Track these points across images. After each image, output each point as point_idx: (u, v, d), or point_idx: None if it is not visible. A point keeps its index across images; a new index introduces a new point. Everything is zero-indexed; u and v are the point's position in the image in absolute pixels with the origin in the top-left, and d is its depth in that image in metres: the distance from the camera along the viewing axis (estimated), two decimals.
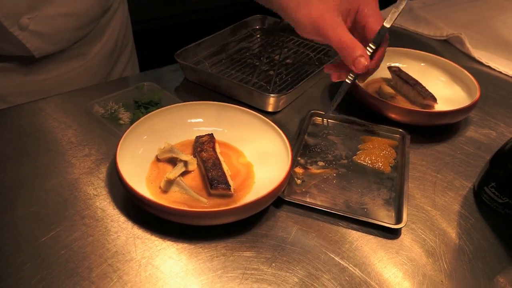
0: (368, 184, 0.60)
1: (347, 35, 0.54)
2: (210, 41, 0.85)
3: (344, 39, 0.54)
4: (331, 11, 0.55)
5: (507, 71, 0.91)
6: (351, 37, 0.55)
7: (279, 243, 0.51)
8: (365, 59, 0.54)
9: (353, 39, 0.55)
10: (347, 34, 0.54)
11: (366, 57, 0.54)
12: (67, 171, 0.58)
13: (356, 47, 0.54)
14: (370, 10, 0.56)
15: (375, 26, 0.56)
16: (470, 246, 0.53)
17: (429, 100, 0.73)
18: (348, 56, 0.55)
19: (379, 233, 0.54)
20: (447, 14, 1.12)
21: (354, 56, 0.54)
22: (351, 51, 0.54)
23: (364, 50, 0.55)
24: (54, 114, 0.67)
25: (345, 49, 0.54)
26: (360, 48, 0.54)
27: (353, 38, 0.55)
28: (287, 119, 0.72)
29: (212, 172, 0.55)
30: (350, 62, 0.55)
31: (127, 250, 0.48)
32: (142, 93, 0.73)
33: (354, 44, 0.54)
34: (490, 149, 0.68)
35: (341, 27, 0.55)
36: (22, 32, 0.69)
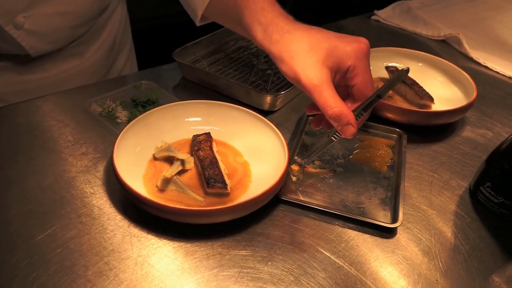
0: (364, 184, 0.60)
1: (334, 99, 0.50)
2: (208, 40, 0.85)
3: (331, 106, 0.49)
4: (318, 68, 0.50)
5: (504, 71, 0.91)
6: (338, 102, 0.50)
7: (275, 242, 0.51)
8: (354, 126, 0.50)
9: (341, 104, 0.50)
10: (334, 98, 0.50)
11: (354, 124, 0.50)
12: (64, 169, 0.58)
13: (343, 115, 0.50)
14: (361, 71, 0.52)
15: (366, 91, 0.52)
16: (466, 246, 0.53)
17: (426, 100, 0.73)
18: (336, 123, 0.51)
19: (375, 232, 0.54)
20: (445, 14, 1.13)
21: (342, 124, 0.50)
22: (339, 120, 0.50)
23: (352, 117, 0.50)
24: (51, 112, 0.67)
25: (333, 117, 0.50)
26: (348, 115, 0.50)
27: (341, 103, 0.50)
28: (284, 118, 0.72)
29: (209, 171, 0.55)
30: (337, 127, 0.51)
31: (123, 248, 0.48)
32: (140, 92, 0.73)
33: (342, 111, 0.50)
34: (487, 149, 0.69)
35: (327, 90, 0.50)
36: (17, 31, 0.69)
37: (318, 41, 0.52)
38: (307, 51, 0.51)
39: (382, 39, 1.05)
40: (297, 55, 0.51)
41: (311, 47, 0.51)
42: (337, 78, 0.53)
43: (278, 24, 0.54)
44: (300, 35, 0.52)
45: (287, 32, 0.53)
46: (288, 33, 0.53)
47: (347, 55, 0.51)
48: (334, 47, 0.51)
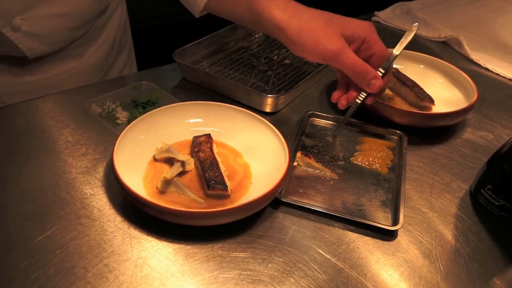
0: (365, 186, 0.60)
1: (358, 60, 0.57)
2: (209, 40, 0.85)
3: (358, 63, 0.57)
4: (339, 37, 0.57)
5: (504, 73, 0.91)
6: (362, 61, 0.57)
7: (276, 244, 0.51)
8: (379, 79, 0.58)
9: (364, 63, 0.57)
10: (357, 59, 0.57)
11: (379, 78, 0.58)
12: (63, 170, 0.57)
13: (369, 70, 0.57)
14: (376, 41, 0.60)
15: (385, 54, 0.60)
16: (467, 249, 0.53)
17: (427, 102, 0.73)
18: (362, 79, 0.58)
19: (375, 234, 0.54)
20: (446, 15, 1.12)
21: (368, 79, 0.58)
22: (366, 75, 0.57)
23: (377, 73, 0.58)
24: (51, 113, 0.67)
25: (360, 73, 0.57)
26: (373, 71, 0.58)
27: (364, 62, 0.57)
28: (285, 119, 0.72)
29: (209, 172, 0.55)
30: (365, 84, 0.58)
31: (123, 250, 0.48)
32: (140, 93, 0.73)
33: (366, 67, 0.57)
34: (487, 151, 0.69)
35: (350, 52, 0.57)
36: (14, 33, 0.68)
37: (333, 17, 0.59)
38: (325, 25, 0.57)
39: (382, 40, 1.04)
40: (318, 26, 0.57)
41: (328, 22, 0.58)
42: (352, 48, 0.59)
43: (295, 5, 0.60)
44: (316, 13, 0.59)
45: (304, 9, 0.60)
46: (305, 10, 0.59)
47: (361, 28, 0.59)
48: (348, 22, 0.59)
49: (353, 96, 0.62)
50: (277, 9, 0.59)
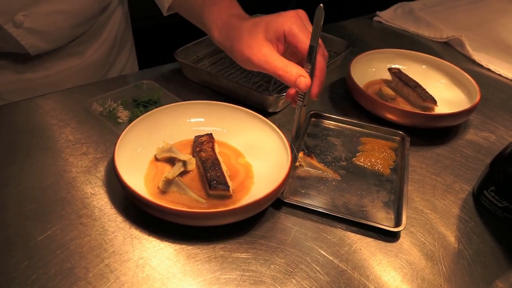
0: (367, 186, 0.60)
1: (279, 60, 0.55)
2: (210, 39, 0.84)
3: (278, 66, 0.55)
4: (260, 42, 0.56)
5: (507, 74, 0.91)
6: (284, 61, 0.55)
7: (278, 245, 0.51)
8: (305, 77, 0.54)
9: (287, 62, 0.55)
10: (279, 60, 0.55)
11: (305, 75, 0.54)
12: (64, 170, 0.57)
13: (292, 70, 0.54)
14: (296, 32, 0.55)
15: (304, 45, 0.55)
16: (469, 250, 0.53)
17: (429, 103, 0.73)
18: (288, 80, 0.55)
19: (378, 236, 0.53)
20: (448, 16, 1.12)
21: (293, 78, 0.54)
22: (289, 75, 0.54)
23: (300, 69, 0.55)
24: (52, 111, 0.67)
25: (283, 74, 0.55)
26: (295, 68, 0.54)
27: (286, 62, 0.55)
28: (286, 119, 0.71)
29: (211, 172, 0.54)
30: (292, 85, 0.55)
31: (124, 251, 0.48)
32: (141, 92, 0.72)
33: (288, 67, 0.54)
34: (490, 153, 0.68)
35: (272, 55, 0.55)
36: (16, 30, 0.68)
37: (256, 24, 0.58)
38: (248, 35, 0.57)
39: (384, 40, 1.05)
40: (243, 41, 0.57)
41: (251, 30, 0.57)
42: (280, 47, 0.58)
43: (229, 23, 0.61)
44: (244, 24, 0.59)
45: (233, 27, 0.60)
46: (233, 28, 0.60)
47: (280, 23, 0.56)
48: (269, 22, 0.57)
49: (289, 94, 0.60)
50: (215, 30, 0.62)
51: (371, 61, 0.79)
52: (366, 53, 0.80)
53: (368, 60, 0.80)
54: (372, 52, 0.80)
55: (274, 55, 0.56)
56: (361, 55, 0.79)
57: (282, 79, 0.55)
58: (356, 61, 0.78)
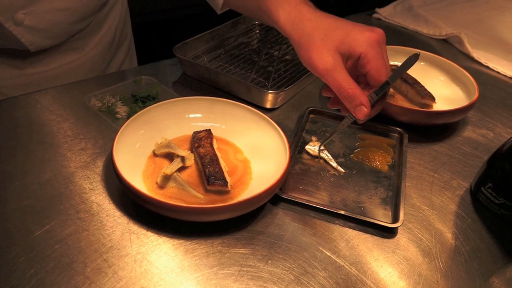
0: (365, 183, 0.60)
1: (346, 82, 0.53)
2: (209, 35, 0.85)
3: (344, 88, 0.52)
4: (333, 53, 0.53)
5: (505, 72, 0.91)
6: (351, 83, 0.53)
7: (276, 241, 0.51)
8: (367, 107, 0.53)
9: (353, 86, 0.53)
10: (346, 81, 0.53)
11: (367, 106, 0.53)
12: (62, 165, 0.57)
13: (356, 96, 0.52)
14: (372, 58, 0.53)
15: (379, 78, 0.53)
16: (466, 247, 0.53)
17: (428, 100, 0.73)
18: (348, 104, 0.53)
19: (375, 232, 0.54)
20: (447, 13, 1.12)
21: (355, 105, 0.53)
22: (352, 100, 0.53)
23: (365, 99, 0.53)
24: (50, 106, 0.67)
25: (346, 97, 0.53)
26: (361, 96, 0.53)
27: (353, 85, 0.53)
28: (285, 116, 0.72)
29: (209, 168, 0.54)
30: (351, 109, 0.54)
31: (122, 245, 0.48)
32: (140, 87, 0.72)
33: (354, 93, 0.52)
34: (487, 150, 0.68)
35: (341, 73, 0.53)
36: (17, 27, 0.68)
37: (333, 29, 0.55)
38: (322, 37, 0.54)
39: None
40: (313, 41, 0.54)
41: (326, 34, 0.54)
42: (348, 64, 0.56)
43: (301, 11, 0.57)
44: (319, 22, 0.56)
45: (307, 19, 0.56)
46: (308, 21, 0.56)
47: (358, 43, 0.53)
48: (347, 35, 0.54)
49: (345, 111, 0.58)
50: (283, 14, 0.58)
51: None
52: None
53: None
54: None
55: (343, 73, 0.53)
56: None
57: (344, 100, 0.53)
58: None
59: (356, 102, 0.53)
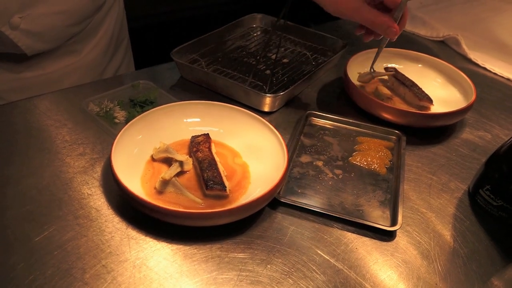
0: (363, 186, 0.60)
1: (372, 14, 0.62)
2: (207, 39, 0.85)
3: (372, 19, 0.63)
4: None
5: (502, 73, 0.91)
6: (376, 14, 0.62)
7: (274, 245, 0.51)
8: (395, 28, 0.63)
9: (379, 15, 0.62)
10: (372, 14, 0.62)
11: (394, 26, 0.63)
12: (61, 170, 0.57)
13: (383, 22, 0.62)
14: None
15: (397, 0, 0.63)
16: (465, 249, 0.53)
17: (425, 102, 0.73)
18: (379, 30, 0.64)
19: (374, 235, 0.54)
20: (444, 15, 1.12)
21: (384, 28, 0.63)
22: (381, 26, 0.63)
23: (391, 21, 0.63)
24: (48, 111, 0.67)
25: (377, 25, 0.63)
26: (388, 21, 0.62)
27: (378, 15, 0.62)
28: (283, 119, 0.72)
29: (207, 172, 0.54)
30: (383, 33, 0.64)
31: (121, 251, 0.48)
32: (138, 92, 0.72)
33: (381, 20, 0.62)
34: (485, 151, 0.69)
35: (365, 8, 0.62)
36: (13, 31, 0.68)
37: None
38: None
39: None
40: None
41: None
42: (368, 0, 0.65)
43: None
44: None
45: None
46: None
47: None
48: None
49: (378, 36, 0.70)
50: None
51: (367, 61, 0.79)
52: (363, 53, 0.80)
53: (364, 60, 0.80)
54: (368, 52, 0.80)
55: (367, 8, 0.62)
56: (357, 55, 0.79)
57: (375, 28, 0.64)
58: (353, 61, 0.78)
59: (385, 26, 0.63)
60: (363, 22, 0.64)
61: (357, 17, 0.64)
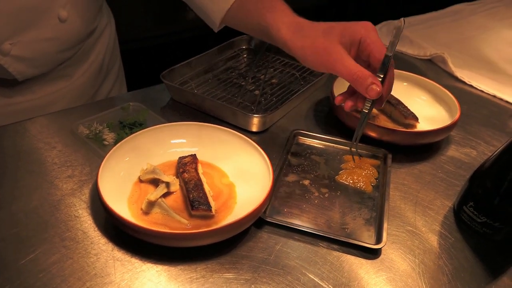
0: (349, 204, 0.61)
1: (355, 66, 0.57)
2: (197, 61, 0.86)
3: (353, 71, 0.57)
4: (336, 44, 0.58)
5: (488, 90, 0.93)
6: (359, 67, 0.57)
7: (259, 264, 0.51)
8: (377, 85, 0.56)
9: (362, 69, 0.57)
10: (355, 65, 0.57)
11: (377, 83, 0.57)
12: (49, 193, 0.58)
13: (366, 76, 0.56)
14: (372, 40, 0.58)
15: (379, 55, 0.58)
16: (450, 266, 0.53)
17: (411, 120, 0.74)
18: (360, 86, 0.57)
19: (359, 253, 0.54)
20: (431, 33, 1.15)
21: (366, 85, 0.56)
22: (363, 81, 0.56)
23: (374, 77, 0.57)
24: (39, 134, 0.68)
25: (356, 80, 0.57)
26: (370, 76, 0.56)
27: (362, 68, 0.57)
28: (271, 138, 0.73)
29: (193, 193, 0.55)
30: (363, 91, 0.57)
31: (106, 273, 0.48)
32: (128, 114, 0.73)
33: (363, 73, 0.56)
34: (471, 168, 0.69)
35: (348, 59, 0.57)
36: (3, 58, 0.69)
37: (331, 27, 0.60)
38: (323, 35, 0.59)
39: None
40: (317, 39, 0.59)
41: (326, 32, 0.60)
42: (352, 52, 0.60)
43: (298, 21, 0.62)
44: (316, 26, 0.61)
45: (306, 26, 0.62)
46: (307, 27, 0.61)
47: (356, 30, 0.59)
48: (345, 28, 0.60)
49: (361, 104, 0.62)
50: (283, 27, 0.62)
51: None
52: None
53: None
54: None
55: (349, 59, 0.58)
56: None
57: (355, 83, 0.57)
58: (339, 80, 0.79)
59: (368, 81, 0.56)
60: (344, 75, 0.58)
61: (338, 68, 0.58)
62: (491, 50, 1.08)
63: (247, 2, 0.67)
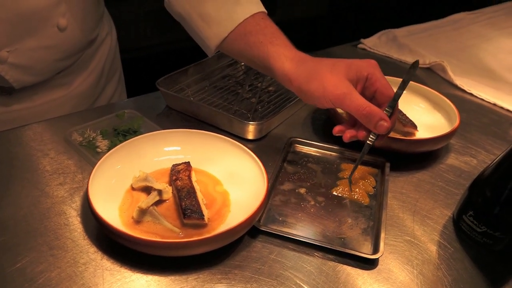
0: (346, 213, 0.59)
1: (364, 101, 0.57)
2: (194, 68, 0.86)
3: (363, 106, 0.57)
4: (344, 80, 0.58)
5: (488, 98, 0.92)
6: (368, 103, 0.57)
7: (253, 275, 0.50)
8: (386, 121, 0.57)
9: (371, 105, 0.57)
10: (364, 101, 0.57)
11: (386, 119, 0.57)
12: (39, 200, 0.57)
13: (375, 112, 0.57)
14: (378, 77, 0.60)
15: (388, 92, 0.59)
16: (449, 277, 0.52)
17: (410, 128, 0.73)
18: (369, 122, 0.57)
19: (356, 263, 0.52)
20: (431, 42, 1.14)
21: (375, 121, 0.57)
22: (372, 117, 0.57)
23: (384, 114, 0.57)
24: (32, 142, 0.67)
25: (365, 115, 0.57)
26: (379, 112, 0.57)
27: (371, 104, 0.57)
28: (268, 146, 0.72)
29: (186, 201, 0.54)
30: (372, 126, 0.58)
31: (94, 283, 0.47)
32: (122, 121, 0.73)
33: (373, 110, 0.57)
34: (471, 177, 0.68)
35: (356, 94, 0.57)
36: (0, 65, 0.69)
37: (335, 62, 0.61)
38: (329, 70, 0.59)
39: None
40: (323, 73, 0.59)
41: (332, 67, 0.60)
42: (358, 88, 0.60)
43: (301, 55, 0.62)
44: (320, 60, 0.62)
45: (310, 60, 0.62)
46: (311, 61, 0.62)
47: (362, 67, 0.60)
48: (350, 64, 0.60)
49: (363, 135, 0.61)
50: (286, 61, 0.61)
51: None
52: None
53: None
54: None
55: (357, 94, 0.57)
56: None
57: (364, 119, 0.57)
58: None
59: (376, 118, 0.56)
60: (353, 110, 0.57)
61: (346, 103, 0.57)
62: (491, 58, 1.07)
63: (247, 33, 0.65)
